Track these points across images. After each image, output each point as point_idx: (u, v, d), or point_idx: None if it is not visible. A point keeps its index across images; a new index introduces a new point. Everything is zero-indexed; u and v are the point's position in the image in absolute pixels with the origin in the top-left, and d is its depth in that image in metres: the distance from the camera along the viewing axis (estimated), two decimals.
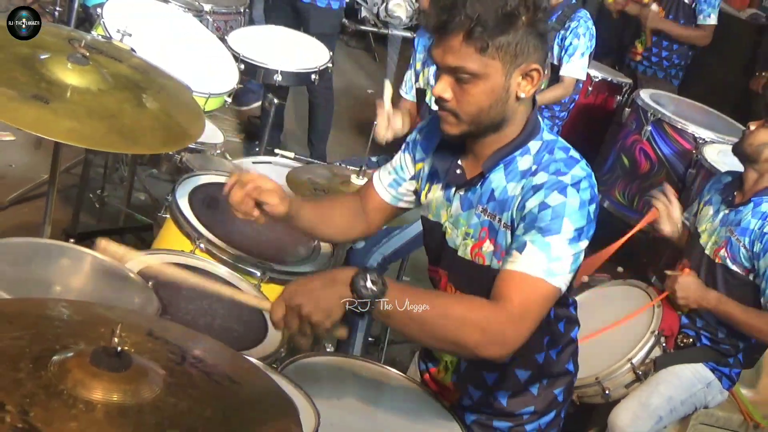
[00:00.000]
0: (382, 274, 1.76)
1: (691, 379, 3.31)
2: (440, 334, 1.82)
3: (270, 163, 3.97)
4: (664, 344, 3.25)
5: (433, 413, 2.33)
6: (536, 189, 1.93)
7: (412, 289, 1.86)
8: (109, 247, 1.87)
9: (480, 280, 2.03)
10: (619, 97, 5.65)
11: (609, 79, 5.66)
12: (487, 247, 2.04)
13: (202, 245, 2.72)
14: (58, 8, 5.10)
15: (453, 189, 2.12)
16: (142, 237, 3.93)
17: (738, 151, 3.29)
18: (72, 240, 2.44)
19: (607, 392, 3.22)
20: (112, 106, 2.48)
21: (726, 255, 3.19)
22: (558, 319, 2.22)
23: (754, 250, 3.10)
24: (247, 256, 2.74)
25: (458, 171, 2.09)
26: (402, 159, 2.29)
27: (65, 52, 2.53)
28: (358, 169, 3.29)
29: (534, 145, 2.02)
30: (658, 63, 5.91)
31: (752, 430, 3.58)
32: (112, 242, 1.87)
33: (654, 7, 5.75)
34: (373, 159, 3.84)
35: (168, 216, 2.87)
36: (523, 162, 2.01)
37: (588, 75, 5.50)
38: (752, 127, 3.22)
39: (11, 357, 1.42)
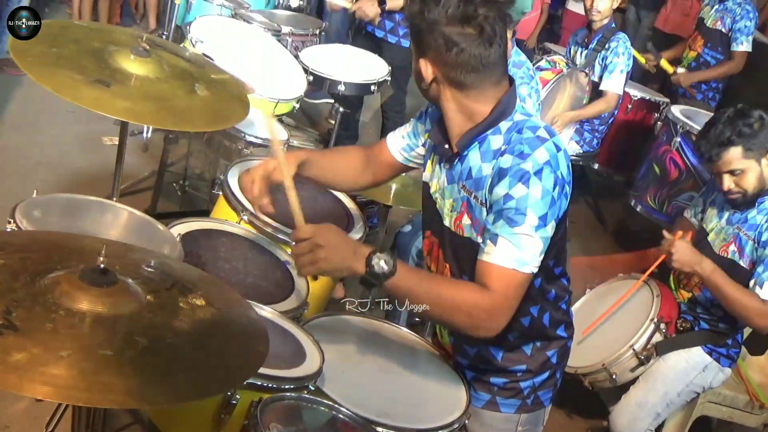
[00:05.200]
0: (395, 257, 1.81)
1: (685, 369, 3.16)
2: (436, 314, 1.89)
3: None
4: (664, 330, 3.11)
5: (441, 371, 2.29)
6: (502, 175, 1.84)
7: (418, 273, 1.93)
8: None
9: (462, 250, 1.99)
10: (656, 114, 5.46)
11: (647, 98, 5.49)
12: (466, 220, 1.98)
13: (245, 217, 2.72)
14: (165, 33, 5.23)
15: (443, 162, 2.06)
16: None
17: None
18: None
19: (614, 377, 3.14)
20: (166, 92, 2.51)
21: (735, 249, 3.04)
22: (547, 290, 2.12)
23: (761, 239, 2.95)
24: (284, 227, 2.72)
25: (446, 146, 2.02)
26: (415, 126, 2.23)
27: (131, 46, 2.58)
28: None
29: (504, 125, 1.92)
30: (697, 86, 5.70)
31: (757, 410, 3.40)
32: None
33: (680, 70, 5.67)
34: None
35: (220, 193, 2.88)
36: (495, 142, 1.91)
37: (628, 94, 5.36)
38: None
39: (14, 270, 1.44)
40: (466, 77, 1.87)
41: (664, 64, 5.75)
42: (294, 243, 1.85)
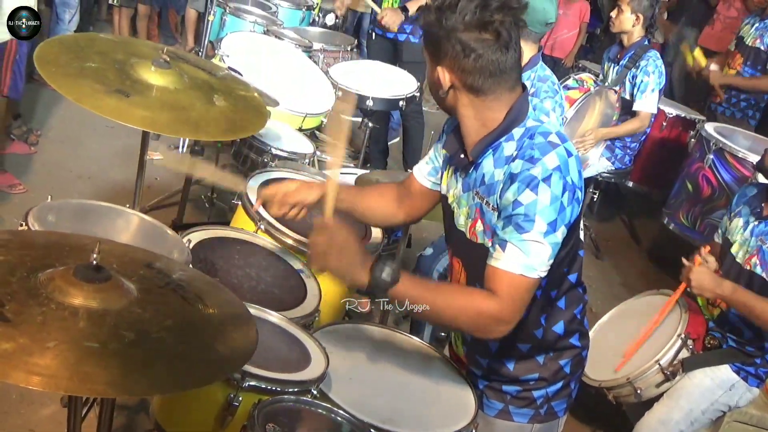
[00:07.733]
0: (398, 267, 1.85)
1: (711, 387, 3.10)
2: (443, 321, 1.94)
3: (355, 174, 4.01)
4: (691, 346, 3.07)
5: (451, 380, 2.29)
6: (512, 179, 1.86)
7: (422, 284, 1.93)
8: None
9: (477, 257, 1.98)
10: (692, 132, 5.41)
11: (683, 116, 5.44)
12: (479, 226, 1.99)
13: (262, 226, 2.76)
14: (201, 49, 5.35)
15: (458, 172, 2.08)
16: None
17: (761, 167, 3.14)
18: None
19: (639, 392, 3.10)
20: (184, 102, 2.57)
21: (758, 262, 2.98)
22: (557, 299, 2.12)
23: None
24: (300, 237, 2.76)
25: (462, 155, 2.04)
26: (435, 148, 2.25)
27: (152, 58, 2.65)
28: None
29: (517, 132, 1.93)
30: (736, 104, 5.63)
31: None
32: None
33: (713, 66, 5.57)
34: None
35: (239, 203, 2.93)
36: (508, 148, 1.93)
37: (663, 111, 5.32)
38: None
39: (11, 266, 1.49)
40: (484, 82, 1.89)
41: (698, 54, 5.67)
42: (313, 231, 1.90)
